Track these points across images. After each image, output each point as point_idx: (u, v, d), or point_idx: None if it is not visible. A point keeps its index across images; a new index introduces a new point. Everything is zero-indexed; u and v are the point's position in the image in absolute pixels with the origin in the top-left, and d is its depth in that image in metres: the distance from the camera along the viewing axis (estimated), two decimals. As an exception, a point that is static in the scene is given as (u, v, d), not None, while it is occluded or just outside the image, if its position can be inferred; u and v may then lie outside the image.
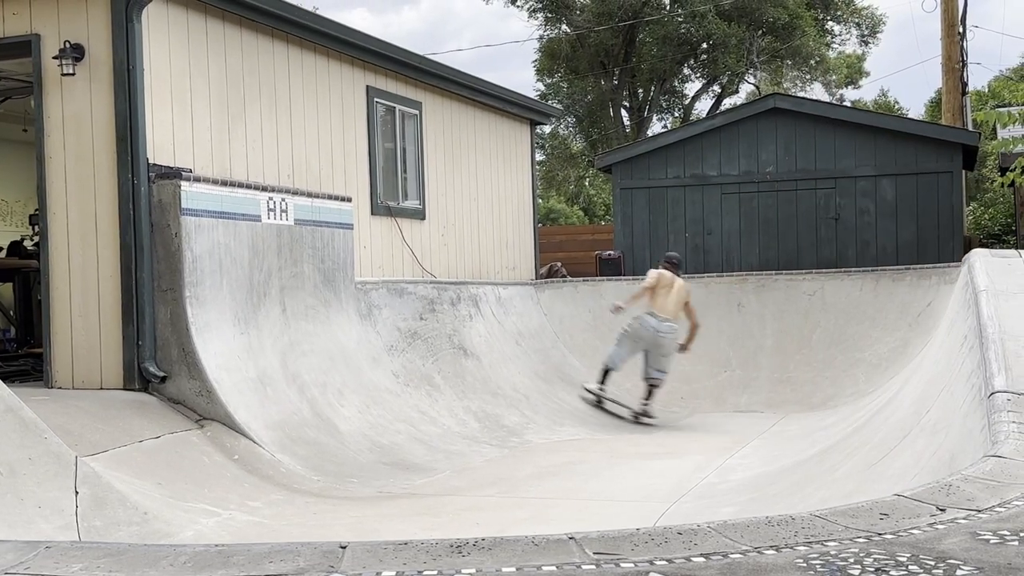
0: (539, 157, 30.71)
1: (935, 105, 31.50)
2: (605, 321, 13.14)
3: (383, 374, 9.44)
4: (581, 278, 14.43)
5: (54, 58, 7.62)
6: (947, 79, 19.14)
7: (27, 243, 11.50)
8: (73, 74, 7.59)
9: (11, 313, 11.34)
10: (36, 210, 8.53)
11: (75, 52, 7.58)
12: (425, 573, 2.31)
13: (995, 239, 19.26)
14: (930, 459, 4.54)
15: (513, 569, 2.34)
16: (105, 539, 4.80)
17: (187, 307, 7.55)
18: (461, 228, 12.66)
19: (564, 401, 11.26)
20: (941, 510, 2.77)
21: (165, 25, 7.94)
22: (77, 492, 5.17)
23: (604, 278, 14.14)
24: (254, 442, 7.32)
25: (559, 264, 16.20)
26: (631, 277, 14.08)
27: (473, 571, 2.32)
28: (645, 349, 10.85)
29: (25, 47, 7.79)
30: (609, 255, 15.08)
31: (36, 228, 9.71)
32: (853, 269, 13.10)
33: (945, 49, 19.03)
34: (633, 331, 10.85)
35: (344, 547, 2.50)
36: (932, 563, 2.31)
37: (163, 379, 7.55)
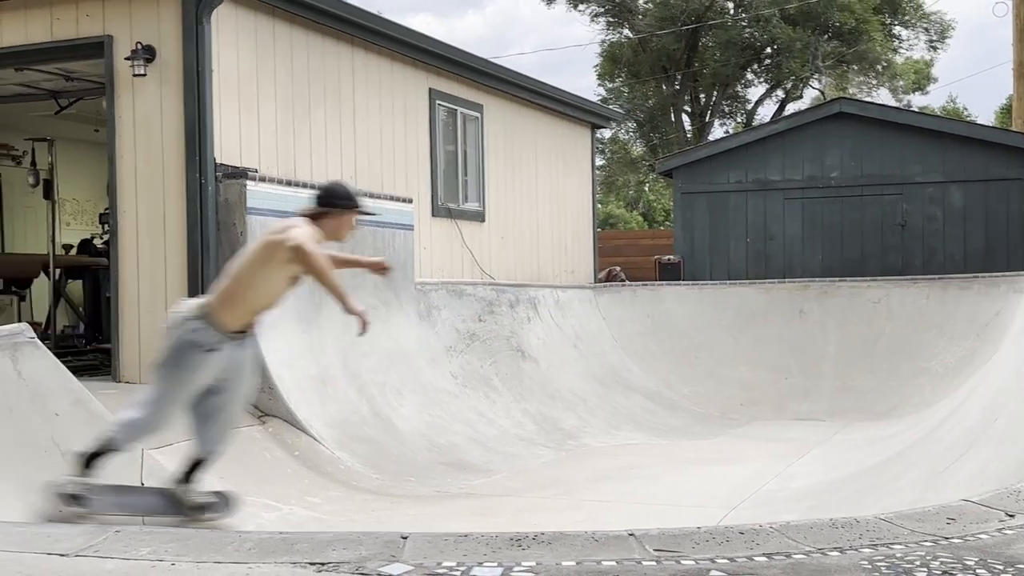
0: (599, 162, 30.64)
1: (1005, 112, 30.82)
2: (664, 325, 13.06)
3: (441, 375, 9.48)
4: (640, 283, 14.35)
5: (126, 59, 7.79)
6: (1018, 85, 18.70)
7: (96, 241, 11.76)
8: (144, 75, 7.75)
9: (80, 310, 11.60)
10: (106, 209, 8.73)
11: (146, 53, 7.74)
12: (485, 564, 2.32)
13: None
14: (997, 467, 4.44)
15: (573, 563, 2.34)
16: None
17: (251, 305, 7.65)
18: (520, 231, 12.67)
19: (621, 405, 11.20)
20: (1010, 516, 2.72)
21: (234, 27, 8.07)
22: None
23: (664, 283, 14.05)
24: (314, 439, 7.40)
25: (618, 268, 16.13)
26: (691, 282, 13.98)
27: (533, 564, 2.32)
28: None
29: (98, 48, 7.98)
30: (669, 260, 14.99)
31: (106, 227, 9.92)
32: (919, 277, 12.86)
33: (1016, 54, 18.61)
34: None
35: (405, 538, 2.52)
36: (1001, 568, 2.27)
37: (227, 375, 7.65)
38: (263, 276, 4.74)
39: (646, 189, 37.41)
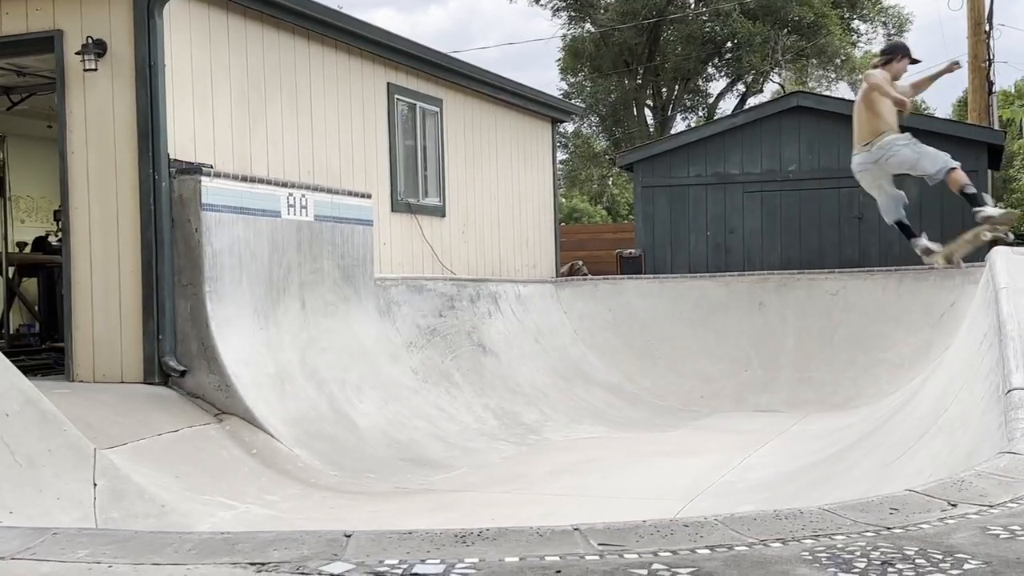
0: (562, 156, 30.68)
1: (962, 105, 31.21)
2: (625, 319, 13.11)
3: (402, 370, 9.46)
4: (602, 276, 14.39)
5: (77, 54, 7.68)
6: (973, 78, 18.96)
7: (51, 239, 11.60)
8: (95, 70, 7.64)
9: (35, 308, 11.45)
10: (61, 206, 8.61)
11: (97, 48, 7.64)
12: (428, 562, 2.30)
13: (1022, 240, 19.07)
14: (947, 457, 4.49)
15: (516, 559, 2.33)
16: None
17: (207, 302, 7.60)
18: (481, 225, 12.66)
19: (583, 399, 11.23)
20: (952, 505, 2.74)
21: (187, 21, 7.98)
22: (95, 484, 5.21)
23: (625, 276, 14.09)
24: (272, 436, 7.35)
25: (580, 262, 16.16)
26: (652, 276, 14.03)
27: (476, 560, 2.31)
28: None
29: (48, 43, 7.85)
30: (630, 254, 15.03)
31: (60, 224, 9.79)
32: (876, 269, 12.98)
33: (971, 48, 18.84)
34: None
35: (349, 536, 2.50)
36: (940, 557, 2.28)
37: (183, 373, 7.59)
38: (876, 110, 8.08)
39: (610, 183, 37.51)
